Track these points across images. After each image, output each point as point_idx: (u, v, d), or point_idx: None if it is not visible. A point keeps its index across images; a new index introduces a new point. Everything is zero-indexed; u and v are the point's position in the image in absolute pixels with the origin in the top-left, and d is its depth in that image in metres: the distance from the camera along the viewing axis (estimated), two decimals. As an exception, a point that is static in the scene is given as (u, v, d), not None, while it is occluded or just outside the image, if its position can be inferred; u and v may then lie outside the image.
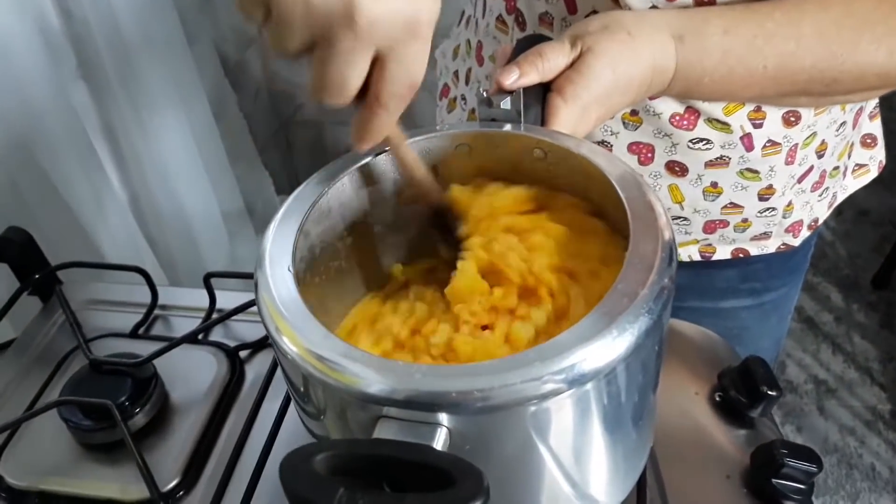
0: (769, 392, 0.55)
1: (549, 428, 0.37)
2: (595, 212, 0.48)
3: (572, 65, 0.52)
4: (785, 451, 0.51)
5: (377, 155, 0.48)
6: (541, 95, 0.52)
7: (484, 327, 0.45)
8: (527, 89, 0.50)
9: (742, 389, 0.56)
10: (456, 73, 0.82)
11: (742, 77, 0.54)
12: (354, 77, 0.40)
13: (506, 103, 0.49)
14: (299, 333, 0.37)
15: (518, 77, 0.50)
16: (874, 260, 1.88)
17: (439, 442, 0.34)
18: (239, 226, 1.40)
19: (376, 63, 0.40)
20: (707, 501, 0.52)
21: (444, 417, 0.34)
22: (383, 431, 0.34)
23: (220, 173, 1.34)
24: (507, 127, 0.48)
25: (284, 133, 1.86)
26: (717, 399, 0.58)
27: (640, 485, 0.50)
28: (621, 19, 0.53)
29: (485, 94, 0.49)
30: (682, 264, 0.66)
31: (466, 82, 0.79)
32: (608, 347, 0.35)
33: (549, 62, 0.50)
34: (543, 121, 0.51)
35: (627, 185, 0.43)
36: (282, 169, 1.82)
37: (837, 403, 1.68)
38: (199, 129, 1.28)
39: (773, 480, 0.51)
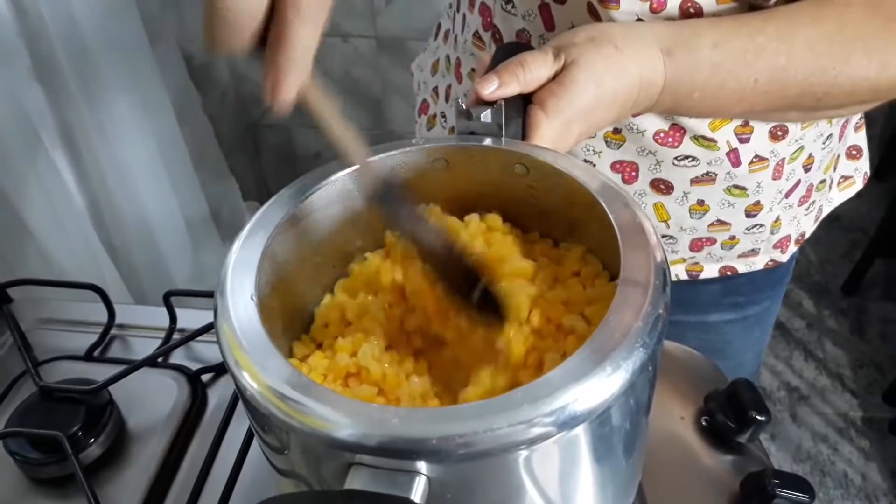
0: (758, 417, 0.53)
1: (538, 473, 0.34)
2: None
3: (555, 77, 0.49)
4: (777, 481, 0.49)
5: (346, 172, 0.45)
6: (522, 108, 0.49)
7: None
8: (508, 101, 0.47)
9: (730, 413, 0.54)
10: (435, 90, 0.79)
11: (733, 91, 0.51)
12: None
13: (486, 116, 0.46)
14: (261, 369, 0.34)
15: (497, 87, 0.47)
16: (844, 266, 1.89)
17: (418, 493, 0.31)
18: (204, 234, 1.35)
19: None
20: (697, 534, 0.49)
21: (423, 466, 0.31)
22: (356, 481, 0.31)
23: (183, 179, 1.30)
24: (487, 141, 0.46)
25: (251, 137, 1.81)
26: (704, 423, 0.55)
27: (628, 519, 0.48)
28: (609, 31, 0.50)
29: (463, 106, 0.46)
30: (667, 283, 0.63)
31: (447, 99, 0.77)
32: (601, 386, 0.32)
33: (530, 72, 0.48)
34: (524, 135, 0.48)
35: (614, 203, 0.41)
36: (249, 174, 1.78)
37: (810, 410, 1.68)
38: (161, 132, 1.24)
39: (765, 512, 0.48)
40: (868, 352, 1.78)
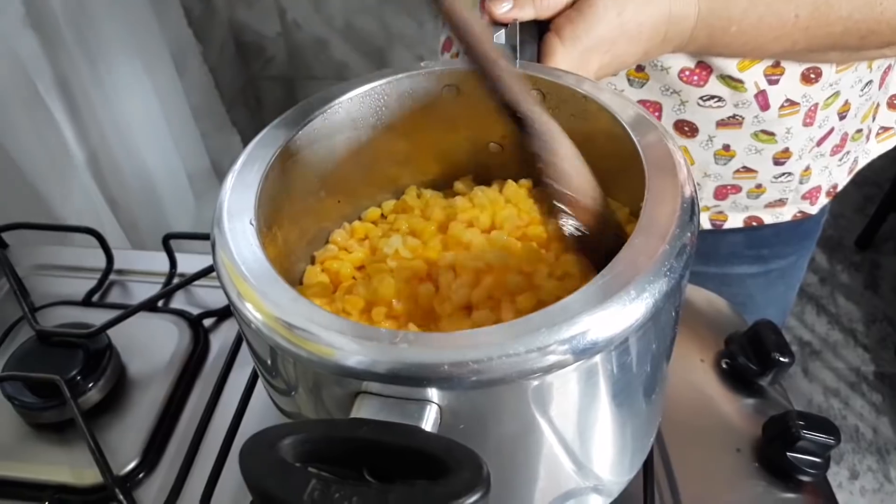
0: (781, 358, 0.51)
1: (555, 403, 0.32)
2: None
3: (574, 4, 0.46)
4: (801, 423, 0.47)
5: (351, 95, 0.42)
6: (537, 34, 0.47)
7: None
8: (523, 25, 0.45)
9: (751, 356, 0.52)
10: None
11: (772, 27, 0.48)
12: None
13: (499, 37, 0.43)
14: (264, 298, 0.32)
15: (511, 7, 0.44)
16: (858, 220, 1.86)
17: (429, 422, 0.29)
18: (205, 186, 1.33)
19: None
20: (717, 477, 0.48)
21: (434, 393, 0.29)
22: (363, 410, 0.29)
23: (184, 131, 1.27)
24: (501, 63, 0.43)
25: (252, 89, 1.78)
26: (724, 366, 0.53)
27: (647, 462, 0.46)
28: None
29: None
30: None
31: None
32: (624, 312, 0.30)
33: None
34: (538, 61, 0.45)
35: (642, 131, 0.38)
36: (250, 127, 1.75)
37: (822, 365, 1.66)
38: (161, 83, 1.21)
39: (788, 454, 0.47)
40: (881, 307, 1.75)
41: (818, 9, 0.47)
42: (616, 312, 0.30)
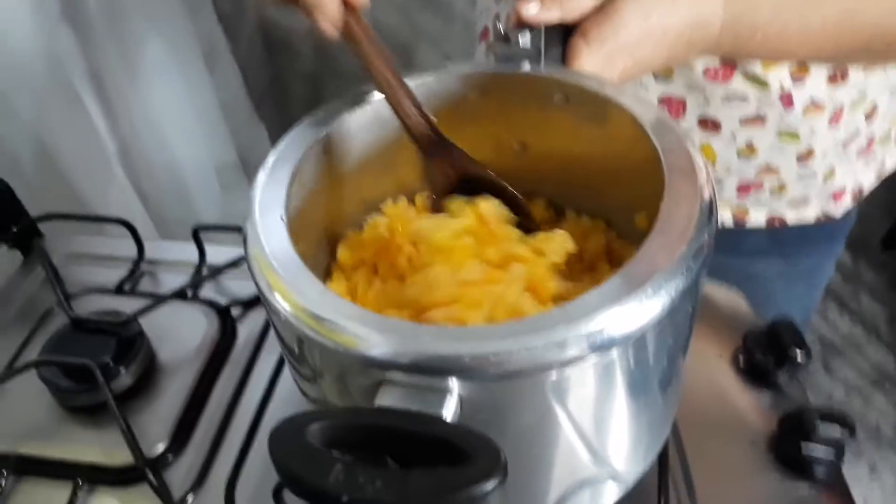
0: (798, 356, 0.51)
1: (572, 396, 0.33)
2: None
3: (600, 7, 0.46)
4: (816, 416, 0.47)
5: (380, 95, 0.44)
6: (562, 38, 0.47)
7: None
8: (548, 29, 0.45)
9: (769, 352, 0.52)
10: (497, 16, 0.76)
11: (797, 33, 0.48)
12: None
13: (525, 40, 0.44)
14: (293, 290, 0.33)
15: (539, 9, 0.45)
16: (884, 220, 1.84)
17: (449, 411, 0.30)
18: (233, 180, 1.35)
19: None
20: (731, 469, 0.48)
21: (454, 384, 0.30)
22: (386, 398, 0.31)
23: (213, 125, 1.29)
24: (526, 66, 0.44)
25: (280, 85, 1.79)
26: (742, 363, 0.54)
27: (662, 454, 0.47)
28: None
29: (501, 29, 0.44)
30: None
31: None
32: (641, 309, 0.31)
33: (573, 0, 0.45)
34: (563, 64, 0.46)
35: (662, 132, 0.38)
36: (277, 122, 1.76)
37: (843, 362, 1.65)
38: (191, 78, 1.23)
39: (803, 448, 0.47)
40: (906, 307, 1.74)
41: (844, 15, 0.47)
42: (633, 309, 0.31)
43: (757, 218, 0.70)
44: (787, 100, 0.59)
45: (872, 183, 0.72)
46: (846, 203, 0.70)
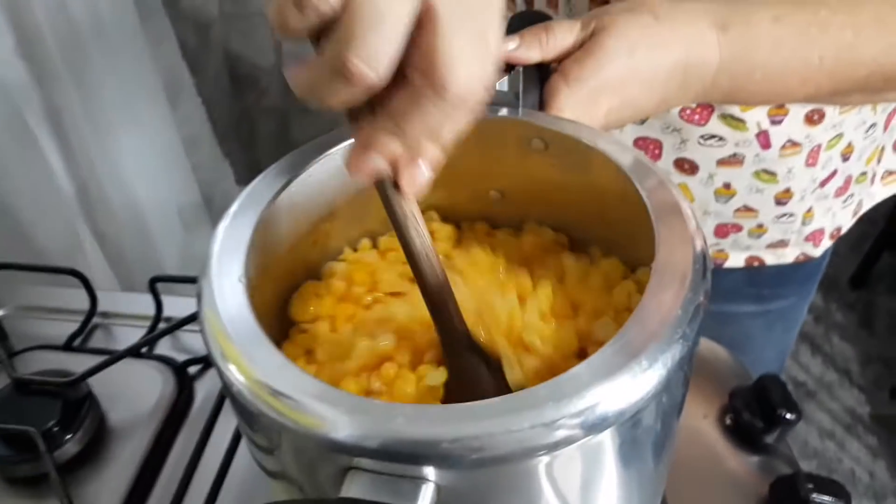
0: (787, 416, 0.49)
1: (559, 481, 0.30)
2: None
3: (582, 47, 0.44)
4: (811, 486, 0.45)
5: (348, 143, 0.41)
6: (539, 82, 0.45)
7: None
8: (526, 71, 0.43)
9: (757, 411, 0.50)
10: None
11: (796, 71, 0.46)
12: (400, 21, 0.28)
13: (502, 84, 0.42)
14: (249, 360, 0.30)
15: (517, 46, 0.42)
16: (852, 259, 1.86)
17: (425, 502, 0.27)
18: (195, 221, 1.30)
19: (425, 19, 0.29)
20: (724, 542, 0.46)
21: (431, 472, 0.27)
22: (353, 488, 0.27)
23: (175, 162, 1.25)
24: (503, 111, 0.41)
25: (246, 121, 1.76)
26: (729, 422, 0.51)
27: (652, 526, 0.44)
28: (649, 2, 0.45)
29: None
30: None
31: None
32: (636, 383, 0.28)
33: (554, 38, 0.43)
34: (541, 105, 0.44)
35: (647, 181, 0.36)
36: (243, 159, 1.73)
37: (817, 407, 1.64)
38: (153, 114, 1.19)
39: (799, 520, 0.45)
40: (876, 347, 1.74)
41: (842, 52, 0.46)
42: (627, 384, 0.28)
43: (736, 261, 0.69)
44: (763, 139, 0.59)
45: (850, 223, 0.71)
46: (825, 244, 0.69)
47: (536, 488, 0.29)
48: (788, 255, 0.69)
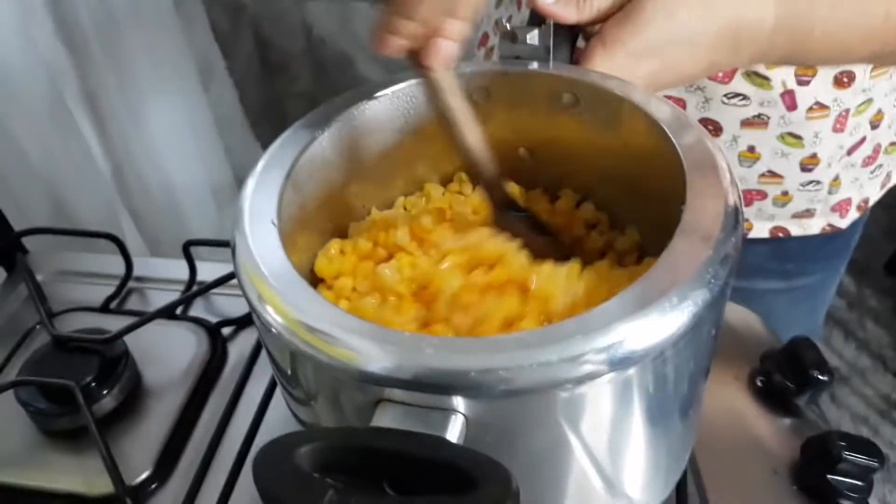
0: (819, 376, 0.48)
1: (588, 416, 0.30)
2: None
3: (620, 8, 0.43)
4: (843, 444, 0.44)
5: (378, 96, 0.41)
6: (570, 37, 0.45)
7: None
8: (556, 28, 0.43)
9: (788, 374, 0.50)
10: (497, 23, 0.74)
11: (860, 29, 0.44)
12: None
13: (532, 38, 0.42)
14: (285, 300, 0.31)
15: (555, 2, 0.42)
16: (886, 244, 1.82)
17: (454, 432, 0.27)
18: (228, 199, 1.32)
19: None
20: (753, 500, 0.45)
21: (460, 402, 0.28)
22: (384, 418, 0.28)
23: (208, 144, 1.27)
24: (533, 65, 0.41)
25: (277, 105, 1.78)
26: (759, 384, 0.51)
27: (680, 484, 0.44)
28: None
29: (508, 26, 0.42)
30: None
31: None
32: (664, 321, 0.28)
33: (592, 2, 0.42)
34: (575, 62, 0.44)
35: (681, 131, 0.36)
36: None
37: (850, 392, 1.62)
38: (186, 96, 1.21)
39: (829, 476, 0.44)
40: (911, 333, 1.71)
41: None
42: (655, 321, 0.28)
43: (760, 231, 0.68)
44: (789, 99, 0.57)
45: (878, 194, 0.70)
46: (851, 215, 0.68)
47: (563, 425, 0.30)
48: (814, 226, 0.68)
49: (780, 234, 0.68)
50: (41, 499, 0.49)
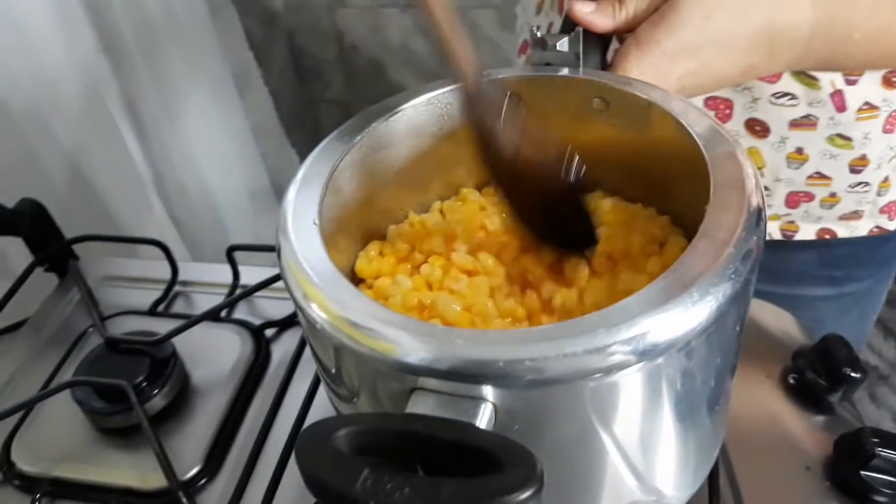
0: (852, 374, 0.49)
1: (614, 408, 0.31)
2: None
3: (655, 10, 0.43)
4: (876, 440, 0.45)
5: (414, 103, 0.43)
6: (600, 44, 0.46)
7: None
8: (587, 34, 0.44)
9: (821, 371, 0.50)
10: (537, 29, 0.75)
11: None
12: None
13: (563, 45, 0.43)
14: (329, 298, 0.32)
15: (591, 11, 0.43)
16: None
17: (483, 420, 0.29)
18: (265, 204, 1.36)
19: None
20: (786, 496, 0.46)
21: (489, 391, 0.29)
22: (418, 406, 0.30)
23: (245, 151, 1.30)
24: (564, 71, 0.43)
25: (311, 112, 1.81)
26: (792, 382, 0.52)
27: (712, 478, 0.45)
28: None
29: (538, 34, 0.43)
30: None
31: None
32: (686, 315, 0.29)
33: (626, 10, 0.43)
34: (609, 67, 0.45)
35: (708, 137, 0.37)
36: (308, 148, 1.77)
37: (889, 391, 1.59)
38: (223, 104, 1.25)
39: (862, 472, 0.45)
40: (954, 331, 1.68)
41: None
42: (678, 315, 0.29)
43: (806, 233, 0.67)
44: (838, 100, 0.57)
45: None
46: None
47: (590, 414, 0.31)
48: (862, 228, 0.67)
49: (827, 237, 0.67)
50: (99, 493, 0.51)
